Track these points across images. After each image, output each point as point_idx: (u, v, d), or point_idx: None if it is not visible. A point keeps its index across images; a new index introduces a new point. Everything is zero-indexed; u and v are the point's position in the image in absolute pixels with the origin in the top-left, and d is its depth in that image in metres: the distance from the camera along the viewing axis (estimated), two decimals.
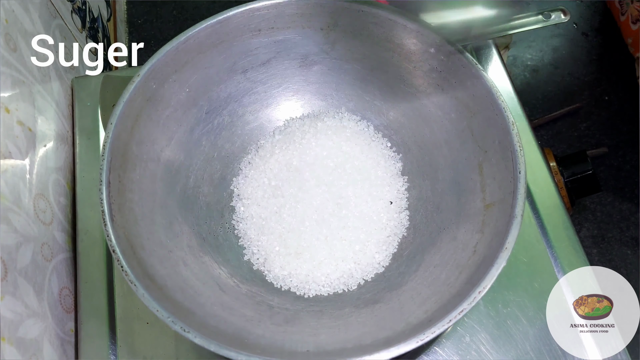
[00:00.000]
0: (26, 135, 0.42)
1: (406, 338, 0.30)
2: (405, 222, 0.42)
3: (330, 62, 0.44)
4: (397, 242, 0.41)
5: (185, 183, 0.42)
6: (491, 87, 0.37)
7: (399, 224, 0.42)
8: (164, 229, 0.39)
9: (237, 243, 0.42)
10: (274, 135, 0.46)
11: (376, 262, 0.41)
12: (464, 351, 0.40)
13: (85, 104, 0.52)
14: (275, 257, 0.40)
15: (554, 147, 0.73)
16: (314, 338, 0.35)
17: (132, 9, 0.84)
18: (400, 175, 0.44)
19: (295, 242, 0.40)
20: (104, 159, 0.35)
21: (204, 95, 0.43)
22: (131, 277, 0.32)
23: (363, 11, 0.41)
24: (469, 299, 0.30)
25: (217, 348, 0.30)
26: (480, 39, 0.50)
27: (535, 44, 0.80)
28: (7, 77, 0.40)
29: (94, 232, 0.46)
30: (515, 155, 0.35)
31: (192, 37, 0.40)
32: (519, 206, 0.33)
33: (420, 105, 0.43)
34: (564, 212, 0.45)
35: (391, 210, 0.42)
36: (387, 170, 0.43)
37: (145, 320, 0.42)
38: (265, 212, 0.42)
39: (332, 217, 0.41)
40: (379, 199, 0.42)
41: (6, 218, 0.37)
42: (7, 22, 0.41)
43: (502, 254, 0.32)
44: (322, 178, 0.42)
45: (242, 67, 0.44)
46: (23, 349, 0.35)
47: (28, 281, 0.38)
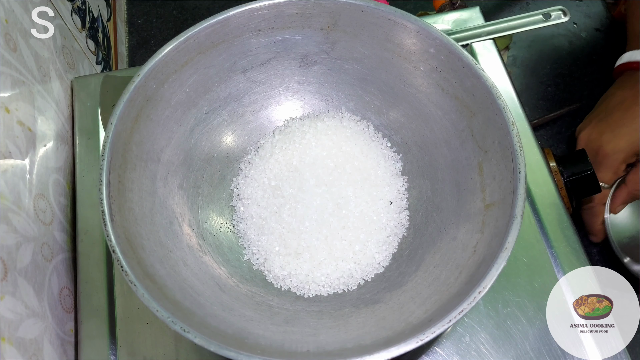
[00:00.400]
0: (26, 135, 0.42)
1: (406, 338, 0.30)
2: (405, 222, 0.42)
3: (330, 62, 0.44)
4: (397, 242, 0.41)
5: (185, 183, 0.42)
6: (491, 87, 0.37)
7: (399, 224, 0.42)
8: (164, 229, 0.39)
9: (237, 243, 0.42)
10: (273, 135, 0.46)
11: (376, 262, 0.41)
12: (464, 351, 0.40)
13: (85, 104, 0.52)
14: (275, 257, 0.40)
15: (554, 147, 0.73)
16: (314, 338, 0.35)
17: (132, 9, 0.84)
18: (400, 175, 0.44)
19: (295, 242, 0.40)
20: (104, 159, 0.35)
21: (203, 95, 0.43)
22: (131, 277, 0.32)
23: (363, 11, 0.41)
24: (469, 299, 0.30)
25: (217, 348, 0.30)
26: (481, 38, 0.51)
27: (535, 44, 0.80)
28: (7, 77, 0.40)
29: (94, 232, 0.46)
30: (515, 155, 0.35)
31: (192, 37, 0.40)
32: (518, 206, 0.33)
33: (420, 105, 0.43)
34: (564, 212, 0.45)
35: (391, 211, 0.42)
36: (387, 170, 0.43)
37: (145, 320, 0.42)
38: (265, 212, 0.42)
39: (332, 217, 0.41)
40: (379, 199, 0.42)
41: (6, 218, 0.37)
42: (7, 22, 0.42)
43: (502, 254, 0.31)
44: (322, 178, 0.42)
45: (242, 67, 0.44)
46: (23, 349, 0.35)
47: (28, 281, 0.38)
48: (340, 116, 0.45)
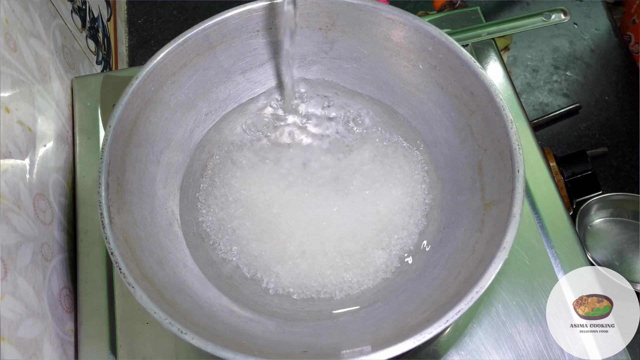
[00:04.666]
0: (26, 135, 0.42)
1: (404, 338, 0.30)
2: (405, 222, 0.42)
3: (329, 61, 0.44)
4: (396, 242, 0.41)
5: (185, 185, 0.42)
6: (489, 86, 0.37)
7: (398, 224, 0.42)
8: (164, 231, 0.39)
9: (235, 244, 0.42)
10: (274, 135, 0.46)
11: (375, 263, 0.40)
12: (464, 351, 0.40)
13: (85, 104, 0.52)
14: (274, 259, 0.40)
15: (554, 147, 0.73)
16: (312, 339, 0.35)
17: (132, 9, 0.84)
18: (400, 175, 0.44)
19: (293, 244, 0.40)
20: (103, 161, 0.35)
21: (203, 96, 0.43)
22: (129, 279, 0.32)
23: (361, 10, 0.41)
24: (467, 299, 0.30)
25: (214, 349, 0.30)
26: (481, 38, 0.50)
27: (535, 44, 0.80)
28: (7, 77, 0.40)
29: (94, 232, 0.46)
30: (513, 154, 0.34)
31: (190, 39, 0.40)
32: (517, 205, 0.33)
33: (420, 104, 0.43)
34: (564, 212, 0.45)
35: (390, 211, 0.42)
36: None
37: (145, 320, 0.42)
38: (265, 214, 0.42)
39: (331, 219, 0.41)
40: (378, 199, 0.42)
41: (6, 218, 0.37)
42: (7, 22, 0.42)
43: (500, 253, 0.31)
44: (321, 180, 0.42)
45: (241, 68, 0.44)
46: (23, 349, 0.35)
47: (28, 281, 0.38)
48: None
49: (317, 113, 0.46)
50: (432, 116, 0.42)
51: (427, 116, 0.43)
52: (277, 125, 0.47)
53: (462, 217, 0.38)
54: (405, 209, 0.42)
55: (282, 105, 0.46)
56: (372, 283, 0.40)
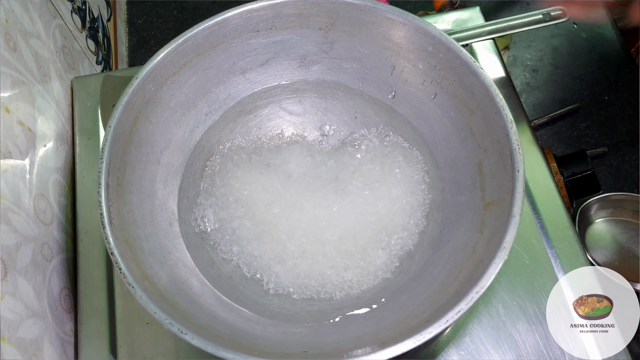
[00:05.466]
0: (26, 135, 0.42)
1: (404, 338, 0.30)
2: (405, 222, 0.42)
3: (329, 61, 0.44)
4: (396, 242, 0.41)
5: (185, 185, 0.42)
6: (489, 86, 0.37)
7: (398, 224, 0.42)
8: (164, 231, 0.39)
9: (236, 244, 0.42)
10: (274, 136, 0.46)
11: (376, 263, 0.40)
12: (464, 351, 0.40)
13: (85, 104, 0.52)
14: (274, 259, 0.40)
15: (554, 147, 0.73)
16: (312, 339, 0.35)
17: (132, 9, 0.84)
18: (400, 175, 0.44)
19: (293, 244, 0.40)
20: (103, 161, 0.35)
21: (203, 96, 0.43)
22: (129, 280, 0.32)
23: (361, 10, 0.41)
24: (467, 299, 0.30)
25: (214, 349, 0.30)
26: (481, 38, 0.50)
27: (535, 44, 0.80)
28: (7, 77, 0.40)
29: (94, 232, 0.46)
30: (513, 154, 0.35)
31: (190, 39, 0.40)
32: (517, 205, 0.33)
33: (420, 104, 0.43)
34: (564, 212, 0.45)
35: (390, 211, 0.42)
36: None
37: (145, 321, 0.42)
38: (265, 214, 0.42)
39: (331, 219, 0.41)
40: (378, 199, 0.42)
41: (6, 218, 0.37)
42: (7, 22, 0.42)
43: (500, 253, 0.31)
44: (321, 180, 0.42)
45: (241, 68, 0.44)
46: (23, 349, 0.35)
47: (28, 281, 0.38)
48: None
49: (317, 113, 0.46)
50: (432, 116, 0.42)
51: (427, 116, 0.43)
52: (277, 125, 0.47)
53: (462, 217, 0.38)
54: (405, 209, 0.42)
55: (282, 106, 0.46)
56: (372, 283, 0.40)
